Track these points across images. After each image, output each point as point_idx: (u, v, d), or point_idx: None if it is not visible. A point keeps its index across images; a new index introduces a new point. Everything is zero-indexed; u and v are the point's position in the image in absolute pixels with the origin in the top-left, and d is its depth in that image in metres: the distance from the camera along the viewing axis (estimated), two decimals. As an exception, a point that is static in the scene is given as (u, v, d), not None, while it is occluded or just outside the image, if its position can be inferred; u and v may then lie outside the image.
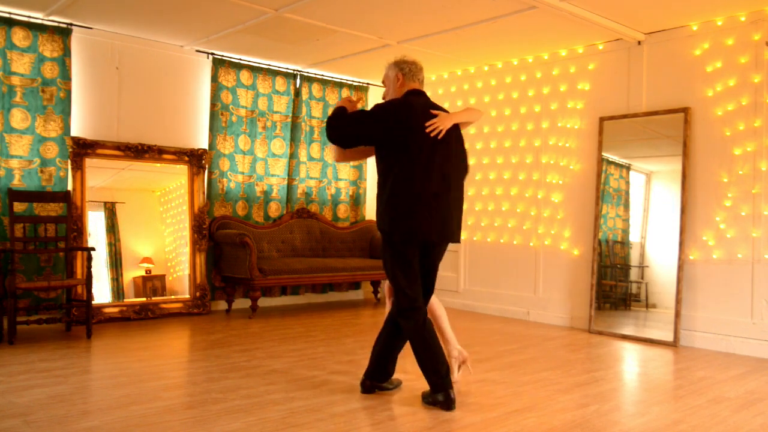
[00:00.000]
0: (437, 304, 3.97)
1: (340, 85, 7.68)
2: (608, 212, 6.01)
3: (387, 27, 5.69)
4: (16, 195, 5.34)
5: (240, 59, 6.83)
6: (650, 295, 5.75)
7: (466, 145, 4.27)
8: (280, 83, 7.15)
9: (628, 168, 6.04)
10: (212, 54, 6.65)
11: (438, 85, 7.54)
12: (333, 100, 7.62)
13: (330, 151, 2.85)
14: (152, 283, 6.48)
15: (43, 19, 5.59)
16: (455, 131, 3.57)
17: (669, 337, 5.35)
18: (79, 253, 5.66)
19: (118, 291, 6.27)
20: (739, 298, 5.08)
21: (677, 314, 5.31)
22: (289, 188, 7.31)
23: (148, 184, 6.59)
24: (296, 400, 3.49)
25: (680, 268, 5.34)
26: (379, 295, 7.75)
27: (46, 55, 5.61)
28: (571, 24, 5.40)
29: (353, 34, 5.89)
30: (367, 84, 7.89)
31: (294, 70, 7.26)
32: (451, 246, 7.17)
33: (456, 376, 3.92)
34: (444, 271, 7.37)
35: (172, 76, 6.51)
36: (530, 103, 6.61)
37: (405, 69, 3.62)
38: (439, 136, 3.43)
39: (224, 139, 6.74)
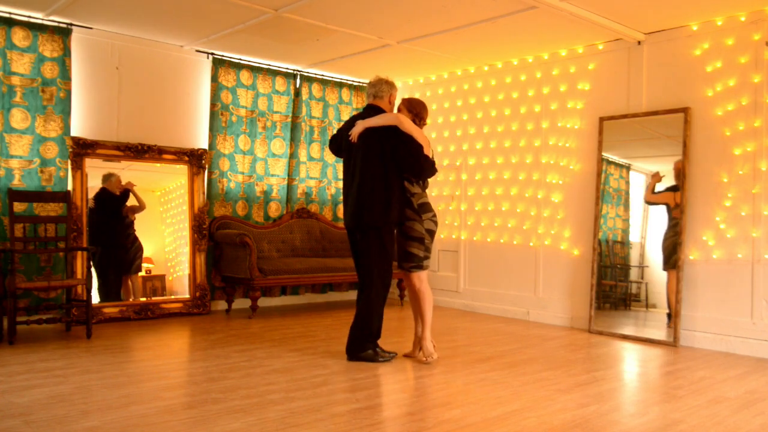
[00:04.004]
0: (428, 292, 4.57)
1: (340, 85, 7.68)
2: (608, 212, 6.01)
3: (387, 27, 5.69)
4: (16, 195, 5.34)
5: (240, 59, 6.83)
6: (650, 295, 5.75)
7: (465, 146, 5.91)
8: (280, 83, 7.15)
9: (628, 168, 6.04)
10: (212, 54, 6.66)
11: (438, 85, 7.54)
12: (333, 100, 7.63)
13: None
14: (152, 283, 6.48)
15: (43, 19, 5.59)
16: (377, 133, 4.37)
17: (669, 337, 5.35)
18: (79, 253, 5.66)
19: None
20: (739, 298, 5.08)
21: (677, 314, 5.31)
22: (289, 188, 7.31)
23: (148, 184, 6.59)
24: (296, 400, 3.49)
25: (680, 268, 5.34)
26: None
27: (46, 55, 5.61)
28: (571, 24, 5.40)
29: (353, 34, 5.89)
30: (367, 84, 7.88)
31: (294, 70, 7.26)
32: (451, 246, 7.26)
33: (417, 352, 4.60)
34: (444, 271, 7.37)
35: (172, 76, 6.51)
36: (530, 103, 6.61)
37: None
38: (353, 141, 4.42)
39: (224, 139, 6.74)
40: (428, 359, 4.47)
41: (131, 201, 6.25)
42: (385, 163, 4.35)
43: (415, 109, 4.56)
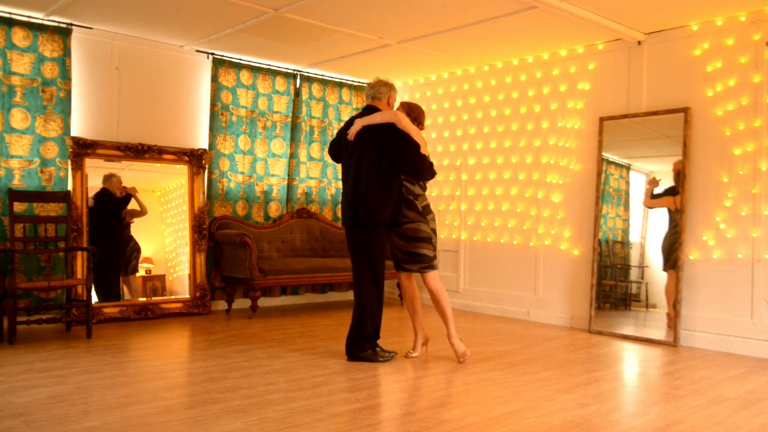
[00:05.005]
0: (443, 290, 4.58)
1: (340, 85, 7.68)
2: (608, 212, 6.01)
3: (387, 27, 5.69)
4: (16, 195, 5.34)
5: (240, 59, 6.83)
6: (650, 295, 5.75)
7: (465, 146, 6.04)
8: (280, 83, 7.15)
9: (628, 168, 6.04)
10: (212, 54, 6.66)
11: (438, 85, 7.54)
12: (333, 100, 7.63)
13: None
14: (152, 283, 6.47)
15: (43, 19, 5.59)
16: (375, 131, 4.36)
17: (669, 337, 5.35)
18: (79, 253, 5.66)
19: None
20: (739, 298, 5.08)
21: (677, 314, 5.31)
22: (289, 188, 7.31)
23: (148, 184, 6.59)
24: (296, 400, 3.49)
25: (680, 268, 5.34)
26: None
27: (46, 55, 5.61)
28: (571, 24, 5.40)
29: (353, 34, 5.89)
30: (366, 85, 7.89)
31: (294, 70, 7.26)
32: (451, 246, 7.26)
33: (417, 352, 4.65)
34: (444, 271, 7.37)
35: (172, 76, 6.51)
36: (530, 103, 6.61)
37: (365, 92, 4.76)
38: (350, 140, 4.44)
39: (224, 139, 6.74)
40: (462, 359, 4.47)
41: (132, 205, 6.24)
42: (382, 162, 4.34)
43: (414, 113, 4.58)
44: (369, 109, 4.57)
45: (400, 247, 4.51)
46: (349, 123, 4.59)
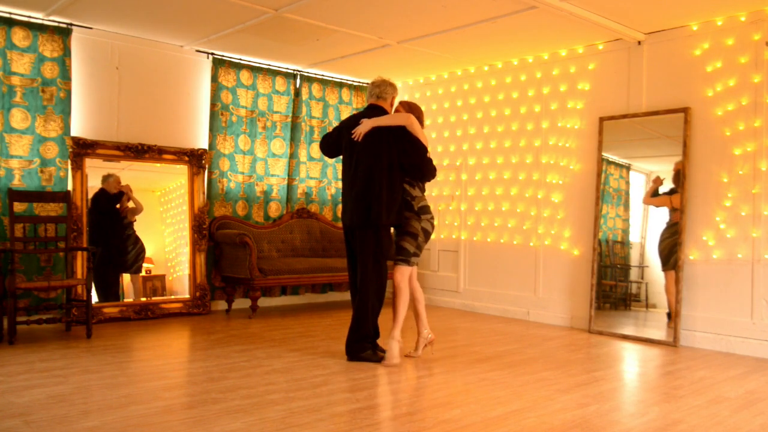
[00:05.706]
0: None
1: (340, 85, 7.68)
2: (608, 212, 6.01)
3: (387, 27, 5.69)
4: (16, 195, 5.34)
5: (240, 59, 6.83)
6: (650, 295, 5.75)
7: (465, 146, 6.00)
8: (280, 83, 7.16)
9: (628, 168, 6.04)
10: (212, 54, 6.66)
11: (438, 85, 7.54)
12: (333, 100, 7.63)
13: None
14: (152, 283, 6.47)
15: (43, 19, 5.59)
16: (384, 132, 4.39)
17: (669, 337, 5.35)
18: (79, 253, 5.66)
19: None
20: (739, 298, 5.08)
21: (677, 314, 5.31)
22: (289, 188, 7.31)
23: (148, 184, 6.59)
24: (296, 400, 3.49)
25: (680, 268, 5.34)
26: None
27: (46, 55, 5.61)
28: (571, 24, 5.40)
29: (353, 34, 5.89)
30: (367, 84, 7.89)
31: (294, 70, 7.26)
32: (451, 246, 7.26)
33: (419, 352, 4.65)
34: (444, 271, 7.37)
35: (172, 76, 6.51)
36: (530, 103, 6.61)
37: (367, 91, 4.83)
38: (357, 139, 4.40)
39: (224, 139, 6.74)
40: (388, 363, 4.32)
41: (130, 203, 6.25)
42: (392, 164, 4.37)
43: (415, 113, 4.59)
44: (372, 108, 4.57)
45: (395, 241, 4.56)
46: (350, 120, 4.58)
